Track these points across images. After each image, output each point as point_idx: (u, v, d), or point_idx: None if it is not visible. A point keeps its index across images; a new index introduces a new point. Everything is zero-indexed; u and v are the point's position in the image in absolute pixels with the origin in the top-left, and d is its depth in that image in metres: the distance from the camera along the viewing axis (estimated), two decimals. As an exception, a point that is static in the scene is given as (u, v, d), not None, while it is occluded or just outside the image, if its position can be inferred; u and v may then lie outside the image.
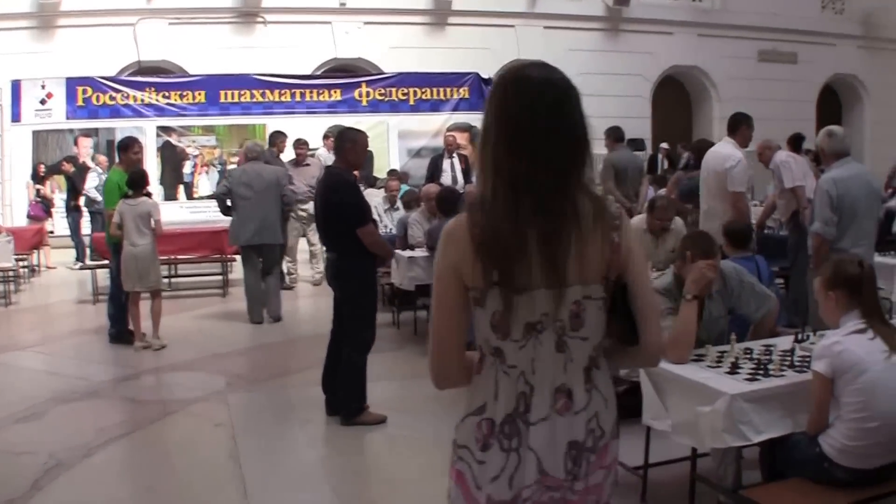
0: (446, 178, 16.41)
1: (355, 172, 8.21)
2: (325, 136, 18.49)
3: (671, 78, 29.12)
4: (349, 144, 7.85)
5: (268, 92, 22.96)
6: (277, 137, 15.71)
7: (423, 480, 6.46)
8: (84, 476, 6.91)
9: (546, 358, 2.75)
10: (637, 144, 24.74)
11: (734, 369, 5.06)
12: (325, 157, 16.36)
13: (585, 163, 2.80)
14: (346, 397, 7.83)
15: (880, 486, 4.66)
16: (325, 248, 9.04)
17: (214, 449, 7.49)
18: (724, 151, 9.59)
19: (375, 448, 7.38)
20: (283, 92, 23.03)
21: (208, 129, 22.70)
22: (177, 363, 10.44)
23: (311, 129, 19.70)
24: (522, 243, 2.68)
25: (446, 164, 16.71)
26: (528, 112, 2.72)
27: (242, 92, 22.89)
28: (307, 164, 15.35)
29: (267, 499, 6.31)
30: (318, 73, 24.45)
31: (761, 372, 4.98)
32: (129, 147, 11.52)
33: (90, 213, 18.24)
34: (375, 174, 19.32)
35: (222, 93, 22.77)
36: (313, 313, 12.29)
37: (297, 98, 23.08)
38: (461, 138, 20.31)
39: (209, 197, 19.63)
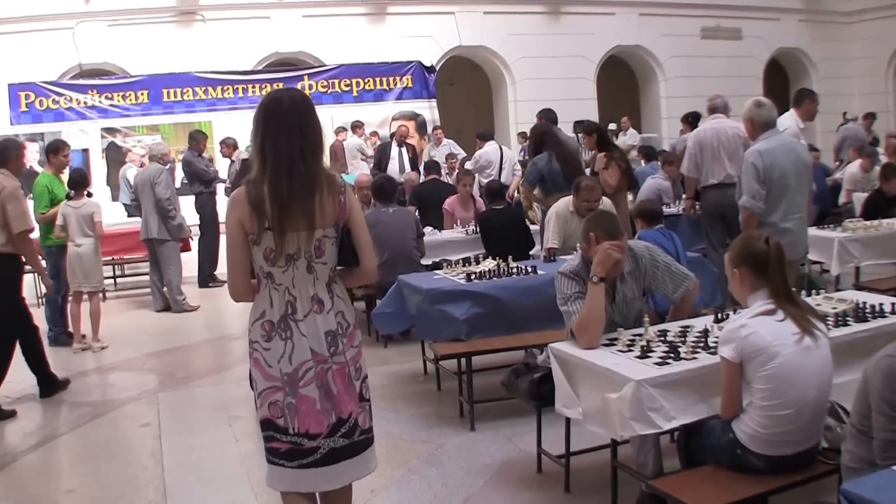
0: (394, 166, 16.22)
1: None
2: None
3: (615, 58, 28.69)
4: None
5: (210, 89, 22.72)
6: (197, 137, 15.34)
7: None
8: (6, 480, 6.76)
9: (301, 277, 4.09)
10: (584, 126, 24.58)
11: (645, 353, 4.77)
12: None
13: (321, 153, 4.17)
14: None
15: (795, 474, 4.36)
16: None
17: (139, 449, 7.31)
18: (784, 123, 9.29)
19: None
20: (225, 88, 22.79)
21: (153, 129, 22.32)
22: (114, 364, 10.20)
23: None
24: (287, 203, 3.98)
25: (394, 152, 16.48)
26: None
27: (185, 90, 22.66)
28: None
29: (185, 498, 6.09)
30: (260, 67, 24.11)
31: (672, 356, 4.68)
32: (59, 150, 11.22)
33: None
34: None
35: (165, 91, 22.54)
36: (246, 309, 11.98)
37: (241, 94, 22.84)
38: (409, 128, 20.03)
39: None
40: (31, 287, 14.71)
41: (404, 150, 16.63)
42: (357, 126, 21.29)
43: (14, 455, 7.25)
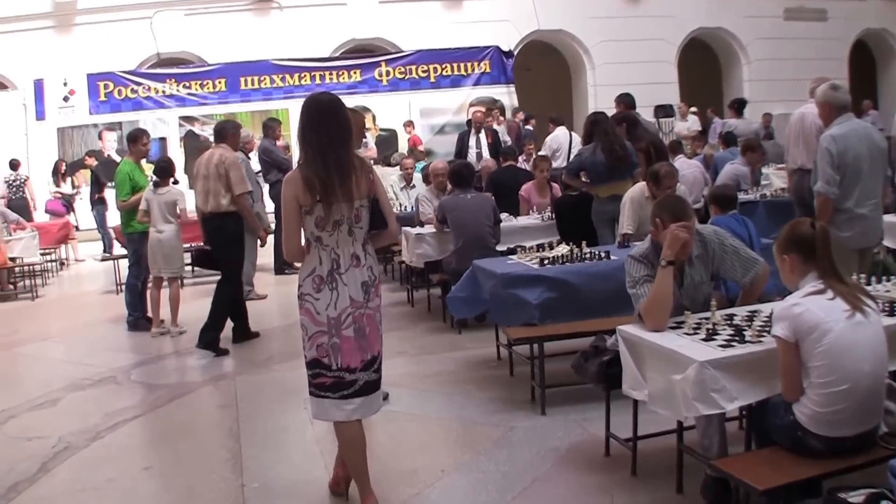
0: (472, 154, 16.20)
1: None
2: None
3: (697, 41, 28.37)
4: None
5: (287, 76, 23.01)
6: (272, 125, 15.51)
7: (415, 456, 6.46)
8: (89, 458, 6.99)
9: (344, 239, 5.22)
10: (666, 111, 24.36)
11: (711, 336, 4.86)
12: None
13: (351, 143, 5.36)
14: None
15: (854, 458, 4.40)
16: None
17: (216, 429, 7.57)
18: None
19: (374, 426, 7.05)
20: (302, 75, 23.06)
21: (231, 117, 21.85)
22: (191, 348, 10.36)
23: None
24: (331, 182, 5.11)
25: (473, 139, 16.48)
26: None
27: (262, 78, 22.99)
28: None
29: (260, 475, 6.28)
30: (337, 54, 24.29)
31: (737, 338, 4.76)
32: (138, 139, 11.60)
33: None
34: (402, 152, 19.16)
35: (242, 80, 22.91)
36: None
37: (318, 81, 23.11)
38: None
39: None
40: (108, 275, 15.10)
41: (482, 136, 16.62)
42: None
43: (96, 434, 7.51)
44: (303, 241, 5.29)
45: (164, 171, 11.25)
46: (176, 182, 11.45)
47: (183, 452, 7.06)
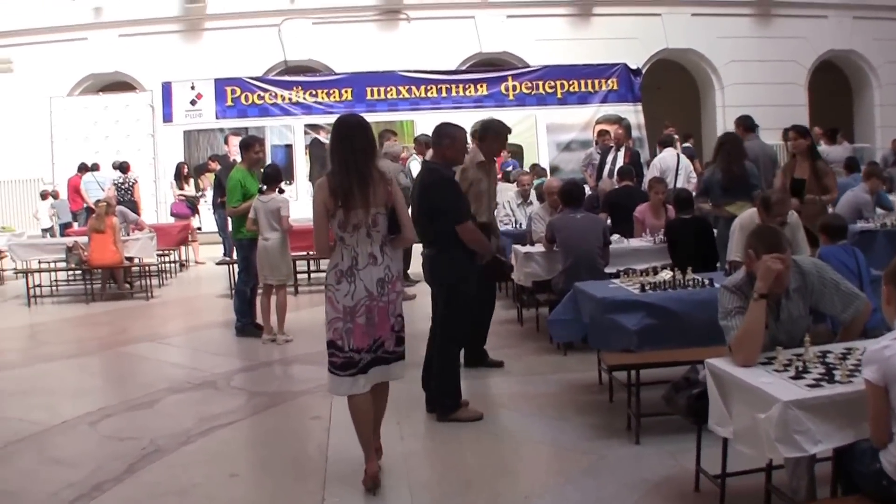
0: (605, 172, 16.03)
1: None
2: (473, 135, 17.45)
3: (829, 63, 27.79)
4: (447, 140, 7.79)
5: (414, 88, 23.12)
6: (386, 136, 15.49)
7: (501, 479, 6.41)
8: (177, 461, 7.11)
9: (362, 240, 5.95)
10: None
11: (800, 374, 4.67)
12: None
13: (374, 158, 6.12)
14: (439, 393, 7.74)
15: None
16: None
17: (306, 440, 7.67)
18: None
19: (465, 444, 7.23)
20: (428, 88, 23.12)
21: None
22: (296, 356, 10.56)
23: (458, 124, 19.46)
24: (352, 191, 5.86)
25: (609, 157, 16.25)
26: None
27: (388, 88, 23.15)
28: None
29: (343, 491, 6.25)
30: (463, 67, 24.36)
31: (827, 378, 4.57)
32: (251, 146, 11.78)
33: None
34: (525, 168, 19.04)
35: (368, 90, 23.13)
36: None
37: (444, 94, 23.15)
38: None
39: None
40: (225, 279, 15.29)
41: (621, 154, 16.38)
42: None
43: (187, 438, 7.64)
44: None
45: (271, 178, 11.34)
46: (282, 191, 11.52)
47: (270, 461, 7.13)
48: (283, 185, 11.68)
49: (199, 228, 21.07)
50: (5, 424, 8.40)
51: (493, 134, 9.03)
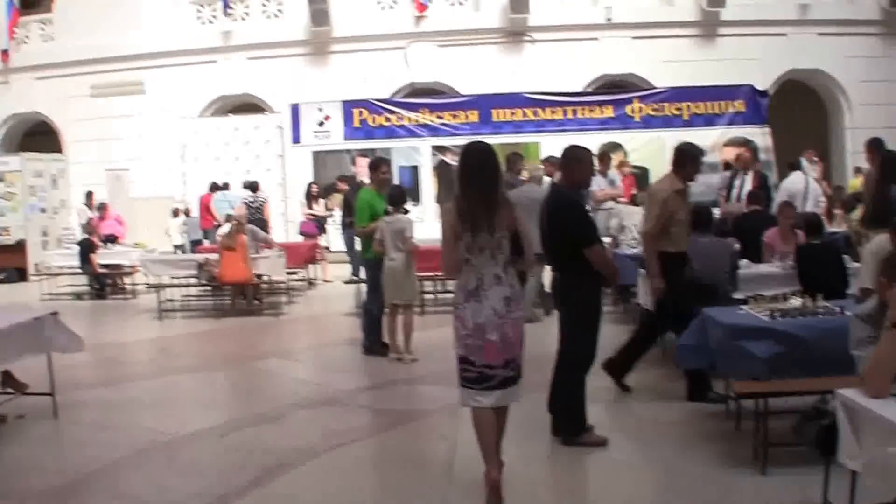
0: (734, 196, 15.64)
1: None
2: (600, 157, 17.25)
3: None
4: (575, 163, 7.77)
5: (539, 110, 23.09)
6: (514, 159, 15.50)
7: None
8: (301, 477, 7.27)
9: (488, 262, 6.22)
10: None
11: (940, 409, 4.52)
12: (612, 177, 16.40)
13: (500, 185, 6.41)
14: (564, 417, 7.72)
15: None
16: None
17: (430, 461, 7.66)
18: None
19: (587, 470, 7.26)
20: (554, 110, 23.07)
21: None
22: (422, 376, 10.65)
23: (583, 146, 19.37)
24: (478, 215, 6.16)
25: (737, 181, 16.02)
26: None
27: (514, 111, 23.17)
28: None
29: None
30: (588, 89, 24.28)
31: (968, 414, 4.42)
32: (378, 167, 11.96)
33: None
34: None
35: (494, 112, 23.16)
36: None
37: (569, 115, 23.08)
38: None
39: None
40: (353, 297, 15.45)
41: (748, 177, 16.09)
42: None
43: (312, 453, 7.78)
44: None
45: (396, 199, 11.45)
46: (406, 211, 11.62)
47: (393, 480, 7.24)
48: (408, 206, 11.78)
49: (328, 248, 21.41)
50: (136, 433, 8.68)
51: (690, 158, 9.21)
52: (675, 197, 8.94)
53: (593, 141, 19.78)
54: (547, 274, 9.75)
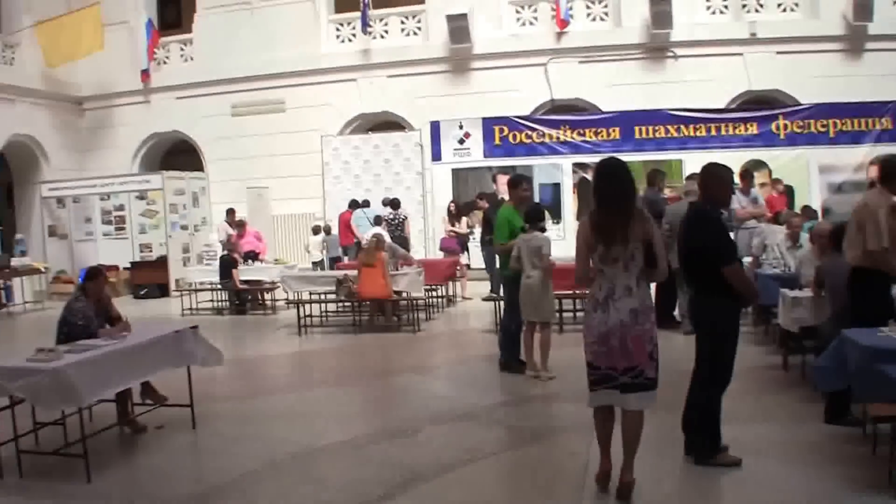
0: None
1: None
2: (742, 175, 16.83)
3: None
4: (715, 181, 7.74)
5: (682, 127, 22.94)
6: (657, 176, 15.58)
7: None
8: (432, 490, 7.49)
9: (620, 273, 6.72)
10: None
11: None
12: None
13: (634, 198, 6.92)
14: (698, 436, 7.73)
15: None
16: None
17: (562, 477, 7.72)
18: None
19: (721, 491, 7.26)
20: (697, 127, 22.87)
21: None
22: (557, 393, 10.75)
23: (726, 164, 19.07)
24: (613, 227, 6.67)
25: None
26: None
27: (657, 127, 23.05)
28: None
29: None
30: (732, 106, 24.07)
31: None
32: (518, 184, 12.10)
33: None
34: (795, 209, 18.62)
35: (636, 129, 23.07)
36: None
37: (713, 132, 22.84)
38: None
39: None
40: (491, 314, 15.63)
41: (895, 198, 15.64)
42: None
43: (444, 468, 7.99)
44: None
45: (533, 217, 11.56)
46: (544, 229, 11.70)
47: (524, 495, 7.35)
48: (548, 223, 11.91)
49: (469, 265, 21.71)
50: (271, 445, 9.03)
51: None
52: (892, 215, 8.71)
53: (737, 158, 19.64)
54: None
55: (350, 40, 27.15)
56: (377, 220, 20.74)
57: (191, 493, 7.70)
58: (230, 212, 23.10)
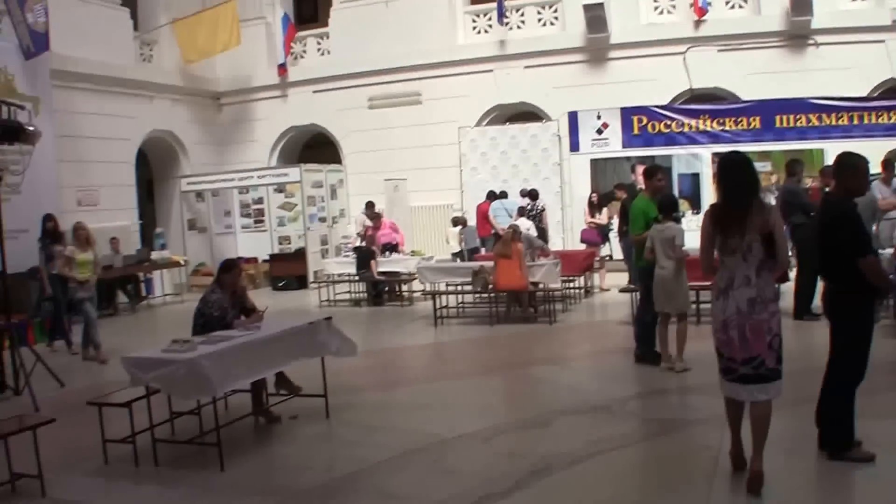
0: None
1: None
2: (884, 164, 15.94)
3: None
4: (849, 171, 7.66)
5: (824, 116, 22.42)
6: (796, 167, 15.41)
7: None
8: (563, 482, 7.58)
9: (739, 263, 6.89)
10: None
11: None
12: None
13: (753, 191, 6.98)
14: (831, 431, 7.66)
15: None
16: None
17: (693, 470, 7.70)
18: None
19: (853, 486, 7.21)
20: (839, 115, 22.35)
21: (763, 155, 22.22)
22: (693, 385, 10.71)
23: (867, 153, 18.68)
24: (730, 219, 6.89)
25: None
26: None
27: (798, 116, 22.58)
28: None
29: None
30: (874, 94, 23.56)
31: None
32: (654, 174, 12.17)
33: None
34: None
35: (777, 118, 22.64)
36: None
37: (855, 121, 22.32)
38: None
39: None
40: (628, 306, 15.70)
41: None
42: None
43: (576, 459, 8.10)
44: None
45: (666, 207, 11.55)
46: (677, 220, 11.70)
47: (654, 488, 7.45)
48: (687, 213, 11.92)
49: (610, 256, 21.77)
50: (405, 435, 9.29)
51: None
52: None
53: (879, 148, 19.10)
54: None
55: (486, 31, 27.23)
56: (521, 212, 20.89)
57: (323, 483, 7.98)
58: (369, 204, 23.31)
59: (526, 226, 19.44)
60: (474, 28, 27.54)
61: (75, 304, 15.56)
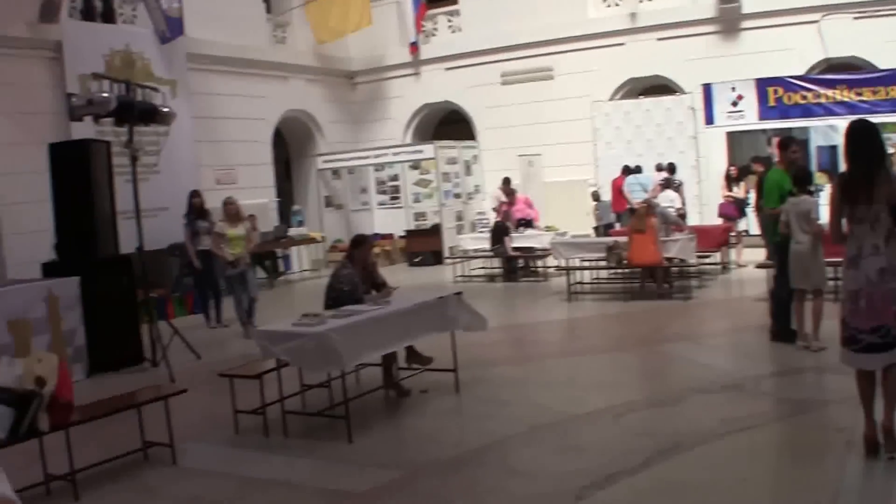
0: None
1: None
2: None
3: None
4: None
5: (963, 86, 21.90)
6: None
7: None
8: (691, 461, 7.58)
9: (867, 232, 6.94)
10: None
11: None
12: None
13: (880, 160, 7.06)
14: None
15: None
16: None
17: (824, 453, 7.60)
18: None
19: None
20: None
21: None
22: (829, 365, 10.28)
23: None
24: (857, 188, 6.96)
25: None
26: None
27: (938, 86, 22.07)
28: None
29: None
30: None
31: None
32: (788, 146, 12.05)
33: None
34: None
35: (918, 88, 22.09)
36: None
37: None
38: None
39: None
40: (765, 282, 15.62)
41: None
42: None
43: (707, 438, 8.08)
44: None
45: (800, 180, 11.42)
46: (811, 193, 11.60)
47: (784, 470, 7.33)
48: (819, 187, 11.84)
49: (747, 231, 21.45)
50: (534, 410, 9.46)
51: None
52: None
53: None
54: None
55: (617, 4, 27.05)
56: (667, 183, 20.96)
57: (449, 457, 8.16)
58: (506, 180, 23.54)
59: (671, 198, 19.54)
60: (604, 1, 27.39)
61: (227, 280, 16.15)
